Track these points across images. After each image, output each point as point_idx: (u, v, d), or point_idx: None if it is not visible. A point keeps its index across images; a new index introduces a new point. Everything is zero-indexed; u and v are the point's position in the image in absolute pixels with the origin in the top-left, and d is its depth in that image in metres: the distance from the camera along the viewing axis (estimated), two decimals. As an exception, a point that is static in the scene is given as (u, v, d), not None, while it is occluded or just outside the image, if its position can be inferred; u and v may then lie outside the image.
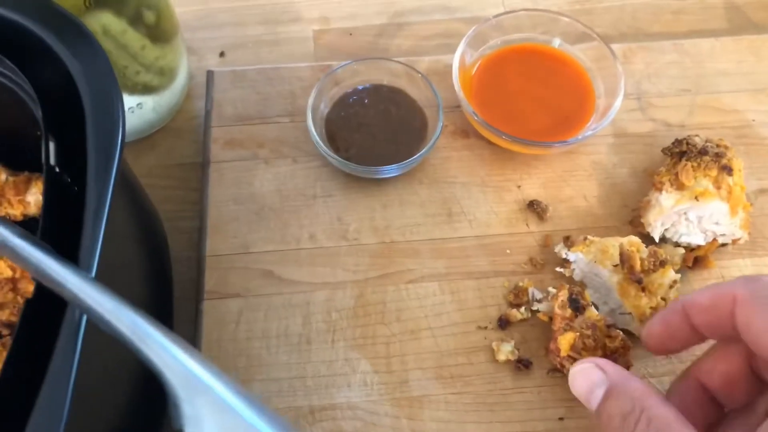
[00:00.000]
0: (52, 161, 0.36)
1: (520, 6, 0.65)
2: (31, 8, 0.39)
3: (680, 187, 0.48)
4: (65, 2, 0.40)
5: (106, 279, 0.35)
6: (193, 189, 0.57)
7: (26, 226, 0.34)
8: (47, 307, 0.32)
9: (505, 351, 0.46)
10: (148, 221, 0.49)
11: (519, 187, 0.53)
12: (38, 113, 0.37)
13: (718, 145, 0.50)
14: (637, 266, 0.45)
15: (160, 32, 0.54)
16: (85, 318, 0.31)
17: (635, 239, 0.47)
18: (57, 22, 0.38)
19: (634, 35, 0.65)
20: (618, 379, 0.36)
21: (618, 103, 0.51)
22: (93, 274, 0.31)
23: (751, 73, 0.58)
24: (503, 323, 0.47)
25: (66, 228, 0.35)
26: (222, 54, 0.64)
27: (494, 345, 0.46)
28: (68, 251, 0.32)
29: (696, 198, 0.47)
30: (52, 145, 0.37)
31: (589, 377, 0.37)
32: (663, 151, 0.51)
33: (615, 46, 0.56)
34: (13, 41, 0.38)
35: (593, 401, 0.36)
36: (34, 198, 0.47)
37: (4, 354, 0.42)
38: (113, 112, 0.37)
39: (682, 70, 0.58)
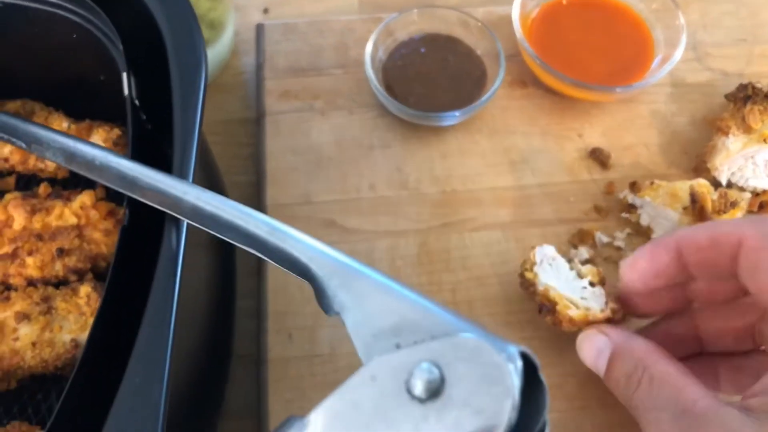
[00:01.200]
0: (133, 95, 0.36)
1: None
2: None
3: (747, 130, 0.47)
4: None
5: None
6: (244, 144, 0.56)
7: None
8: (142, 233, 0.32)
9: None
10: (213, 175, 0.49)
11: (580, 136, 0.52)
12: (118, 49, 0.37)
13: (781, 91, 0.50)
14: (709, 207, 0.45)
15: (212, -18, 0.54)
16: (183, 241, 0.31)
17: (704, 181, 0.46)
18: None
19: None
20: (620, 341, 0.36)
21: (679, 53, 0.51)
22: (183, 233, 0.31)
23: (807, 23, 0.57)
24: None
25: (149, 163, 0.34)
26: (266, 10, 0.63)
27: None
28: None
29: (765, 140, 0.46)
30: (133, 80, 0.36)
31: (593, 343, 0.37)
32: (727, 96, 0.51)
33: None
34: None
35: (600, 367, 0.36)
36: (96, 146, 0.46)
37: (75, 299, 0.42)
38: (195, 48, 0.37)
39: (737, 20, 0.58)
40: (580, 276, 0.42)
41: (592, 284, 0.41)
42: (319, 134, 0.52)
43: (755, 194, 0.49)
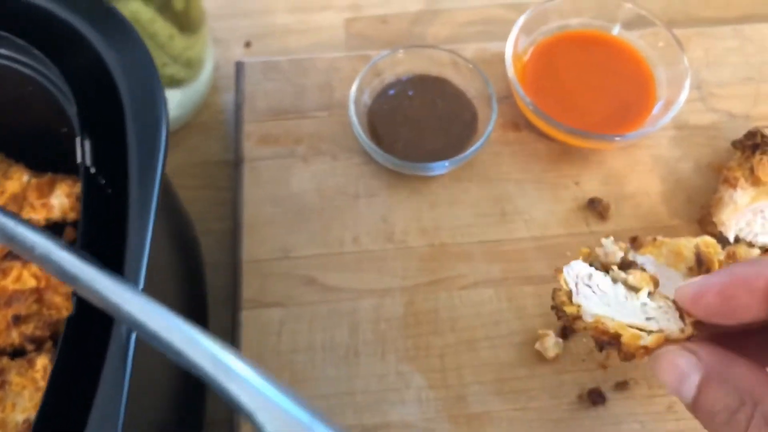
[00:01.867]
0: (87, 162, 0.33)
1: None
2: (61, -8, 0.35)
3: (756, 182, 0.44)
4: (96, -14, 0.36)
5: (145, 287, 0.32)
6: (222, 188, 0.53)
7: (51, 232, 0.30)
8: (90, 324, 0.29)
9: (551, 345, 0.43)
10: (181, 222, 0.46)
11: (577, 183, 0.49)
12: (71, 109, 0.34)
13: (791, 137, 0.47)
14: (715, 269, 0.41)
15: (188, 21, 0.50)
16: (134, 335, 0.27)
17: (710, 239, 0.43)
18: (89, 8, 0.35)
19: (684, 21, 0.61)
20: (716, 364, 0.28)
21: (683, 96, 0.48)
22: (141, 286, 0.28)
23: (816, 59, 0.54)
24: (567, 332, 0.44)
25: (104, 234, 0.31)
26: (248, 44, 0.61)
27: (537, 345, 0.43)
28: (110, 261, 0.29)
29: (775, 194, 0.43)
30: (87, 144, 0.33)
31: (675, 365, 0.29)
32: (734, 144, 0.48)
33: (672, 32, 0.52)
34: (41, 29, 0.34)
35: (686, 393, 0.29)
36: (58, 201, 0.43)
37: (31, 372, 0.39)
38: (155, 106, 0.34)
39: (744, 57, 0.54)
40: (630, 287, 0.34)
41: (649, 294, 0.33)
42: (300, 182, 0.49)
43: (765, 250, 0.45)
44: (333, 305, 0.45)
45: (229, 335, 0.45)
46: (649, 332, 0.31)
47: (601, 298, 0.33)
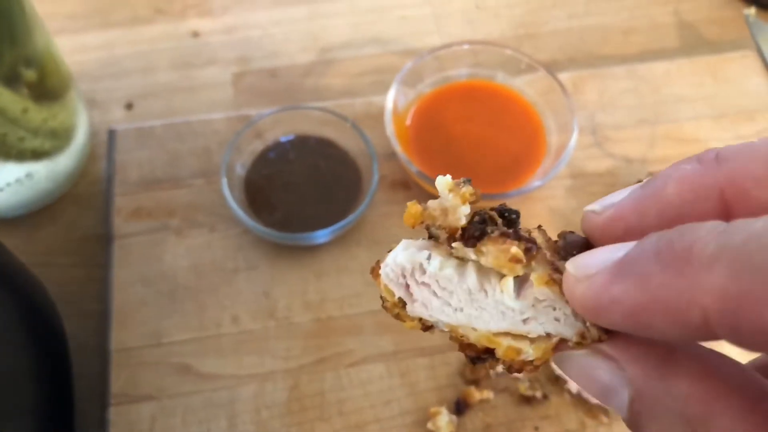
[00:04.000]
0: None
1: (456, 34, 0.60)
2: None
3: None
4: None
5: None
6: (99, 265, 0.49)
7: None
8: None
9: (445, 423, 0.40)
10: (34, 311, 0.41)
11: (469, 243, 0.47)
12: None
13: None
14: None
15: (46, 90, 0.47)
16: None
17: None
18: None
19: (584, 59, 0.60)
20: (647, 380, 0.19)
21: (573, 141, 0.46)
22: None
23: (711, 97, 0.53)
24: (461, 407, 0.41)
25: None
26: (129, 106, 0.57)
27: (429, 425, 0.40)
28: None
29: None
30: None
31: (593, 378, 0.20)
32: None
33: (564, 75, 0.51)
34: None
35: (616, 407, 0.20)
36: None
37: None
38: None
39: (638, 98, 0.53)
40: (486, 272, 0.21)
41: (518, 280, 0.21)
42: (173, 259, 0.46)
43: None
44: (209, 395, 0.41)
45: (99, 434, 0.41)
46: (532, 340, 0.21)
47: (448, 300, 0.21)
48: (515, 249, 0.20)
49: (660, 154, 0.50)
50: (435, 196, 0.22)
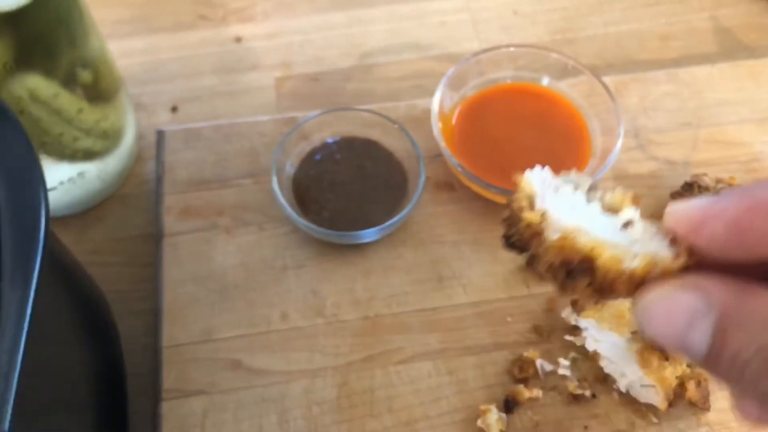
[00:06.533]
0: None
1: (494, 40, 0.61)
2: None
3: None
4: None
5: (36, 389, 0.28)
6: (149, 264, 0.50)
7: None
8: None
9: (494, 421, 0.40)
10: (91, 310, 0.42)
11: (515, 243, 0.47)
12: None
13: (729, 185, 0.46)
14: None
15: (99, 91, 0.48)
16: None
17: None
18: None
19: (623, 64, 0.60)
20: (732, 299, 0.21)
21: (619, 144, 0.46)
22: (6, 428, 0.25)
23: (753, 101, 0.53)
24: (510, 405, 0.41)
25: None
26: (174, 109, 0.58)
27: (479, 422, 0.40)
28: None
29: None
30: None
31: (677, 304, 0.22)
32: (672, 195, 0.46)
33: (605, 79, 0.51)
34: None
35: (696, 343, 0.21)
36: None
37: None
38: (33, 195, 0.31)
39: (680, 102, 0.53)
40: (607, 208, 0.26)
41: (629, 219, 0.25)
42: (223, 257, 0.46)
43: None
44: (260, 390, 0.42)
45: (152, 428, 0.42)
46: (634, 257, 0.23)
47: (572, 209, 0.25)
48: (632, 195, 0.25)
49: (703, 157, 0.51)
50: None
